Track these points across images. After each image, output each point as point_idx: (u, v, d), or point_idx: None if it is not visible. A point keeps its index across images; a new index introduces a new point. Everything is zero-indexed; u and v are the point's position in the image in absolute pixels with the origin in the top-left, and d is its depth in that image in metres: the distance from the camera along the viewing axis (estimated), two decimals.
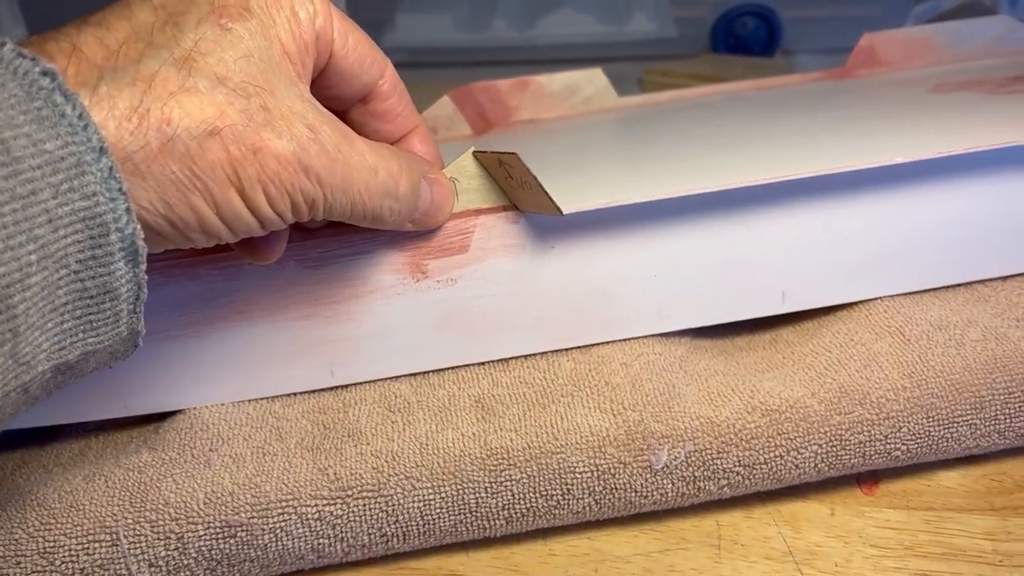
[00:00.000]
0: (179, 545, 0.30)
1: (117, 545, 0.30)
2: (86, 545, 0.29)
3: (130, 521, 0.30)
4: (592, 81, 0.48)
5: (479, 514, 0.31)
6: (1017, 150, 0.35)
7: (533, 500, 0.31)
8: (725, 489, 0.32)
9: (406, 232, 0.33)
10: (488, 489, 0.31)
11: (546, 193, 0.31)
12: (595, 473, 0.31)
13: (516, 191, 0.33)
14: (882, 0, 0.77)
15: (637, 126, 0.45)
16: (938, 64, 0.49)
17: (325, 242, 0.33)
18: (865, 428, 0.32)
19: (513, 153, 0.31)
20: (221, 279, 0.33)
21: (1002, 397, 0.32)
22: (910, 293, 0.37)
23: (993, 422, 0.33)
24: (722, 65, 0.74)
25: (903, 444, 0.32)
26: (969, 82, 0.44)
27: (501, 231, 0.34)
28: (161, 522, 0.30)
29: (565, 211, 0.31)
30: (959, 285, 0.37)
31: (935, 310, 0.36)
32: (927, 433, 0.32)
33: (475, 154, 0.33)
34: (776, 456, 0.32)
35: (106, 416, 0.34)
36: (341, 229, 0.33)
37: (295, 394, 0.35)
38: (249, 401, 0.34)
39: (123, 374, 0.33)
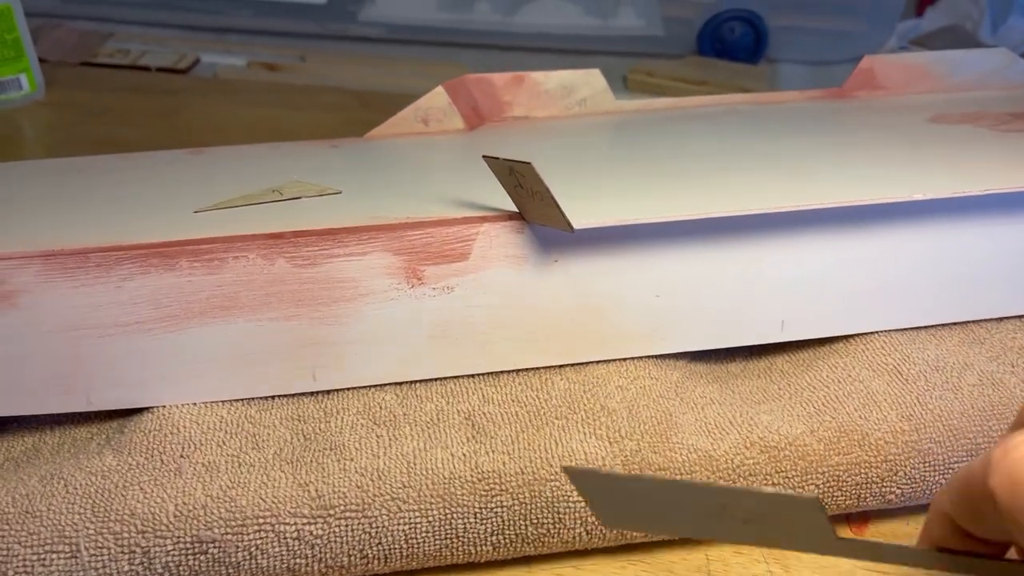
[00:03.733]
0: (145, 560, 0.28)
1: (77, 557, 0.27)
2: (43, 556, 0.27)
3: (92, 532, 0.28)
4: (589, 82, 0.47)
5: (466, 539, 0.30)
6: (1020, 195, 0.34)
7: (523, 527, 0.30)
8: None
9: (405, 236, 0.31)
10: (478, 514, 0.30)
11: (558, 207, 0.30)
12: None
13: (525, 200, 0.31)
14: (868, 16, 0.77)
15: (635, 135, 0.44)
16: (935, 92, 0.49)
17: (317, 240, 0.31)
18: (863, 470, 0.31)
19: (528, 163, 0.29)
20: (203, 272, 0.30)
21: None
22: (906, 329, 0.36)
23: None
24: (708, 69, 0.73)
25: (898, 488, 0.32)
26: (969, 115, 0.44)
27: (504, 240, 0.32)
28: (126, 534, 0.28)
29: (576, 227, 0.30)
30: (955, 324, 0.37)
31: (932, 349, 0.35)
32: (923, 478, 0.32)
33: (485, 158, 0.31)
34: None
35: (65, 409, 0.32)
36: (335, 228, 0.31)
37: (273, 397, 0.33)
38: (223, 403, 0.32)
39: (88, 365, 0.31)
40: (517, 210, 0.32)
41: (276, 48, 0.76)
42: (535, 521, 0.30)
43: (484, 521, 0.30)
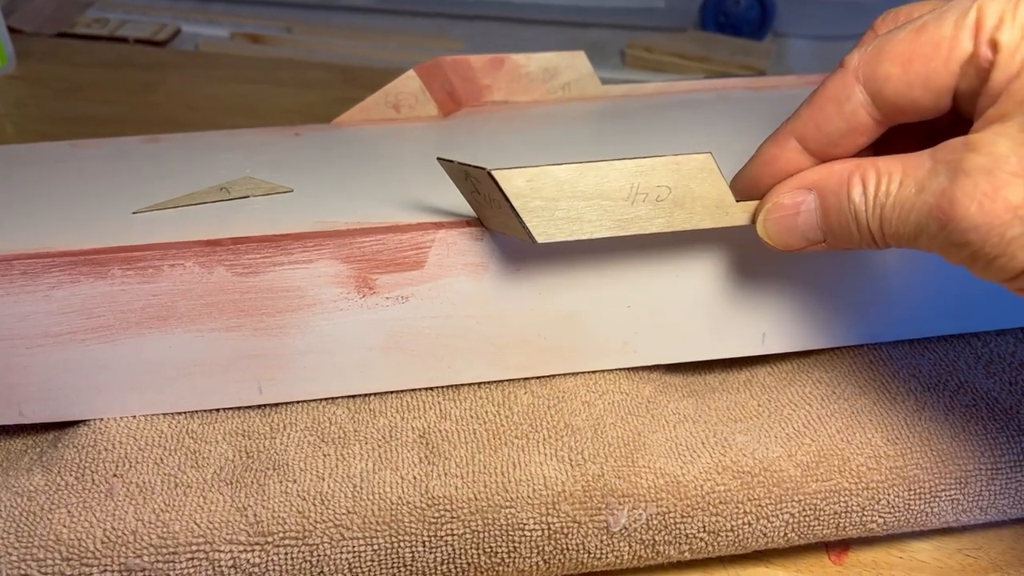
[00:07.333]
0: None
1: None
2: None
3: (14, 558, 0.26)
4: (574, 65, 0.44)
5: (414, 569, 0.28)
6: None
7: (475, 556, 0.28)
8: (685, 553, 0.29)
9: (354, 243, 0.29)
10: (427, 543, 0.28)
11: (518, 216, 0.27)
12: (546, 532, 0.28)
13: (483, 208, 0.29)
14: None
15: (620, 125, 0.41)
16: None
17: (258, 248, 0.29)
18: (842, 498, 0.29)
19: (482, 168, 0.27)
20: (136, 280, 0.28)
21: (988, 473, 0.30)
22: (899, 341, 0.34)
23: (976, 498, 0.30)
24: (709, 44, 0.70)
25: (880, 517, 0.30)
26: None
27: (462, 248, 0.30)
28: (50, 561, 0.26)
29: (539, 240, 0.28)
30: (951, 336, 0.35)
31: (925, 364, 0.33)
32: (907, 506, 0.30)
33: (440, 161, 0.29)
34: (744, 523, 0.29)
35: None
36: (278, 235, 0.29)
37: (217, 411, 0.31)
38: (164, 416, 0.31)
39: (20, 377, 0.29)
40: (477, 216, 0.30)
41: (262, 19, 0.74)
42: (488, 550, 0.28)
43: (433, 550, 0.28)
